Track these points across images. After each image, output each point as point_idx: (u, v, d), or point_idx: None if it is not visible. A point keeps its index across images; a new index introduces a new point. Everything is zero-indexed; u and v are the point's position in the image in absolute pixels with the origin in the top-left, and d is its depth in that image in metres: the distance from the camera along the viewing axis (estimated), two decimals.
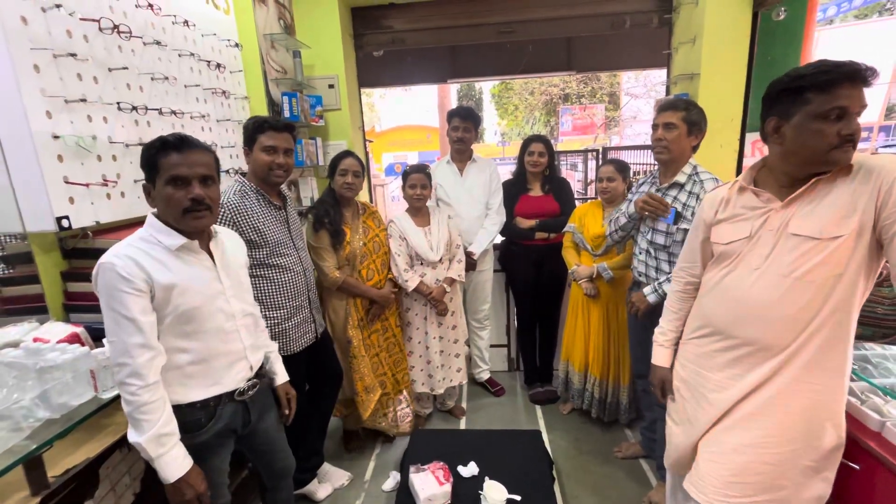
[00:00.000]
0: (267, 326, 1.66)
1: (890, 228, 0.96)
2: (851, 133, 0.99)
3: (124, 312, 1.04)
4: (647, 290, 1.80)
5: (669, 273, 1.76)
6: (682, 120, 1.67)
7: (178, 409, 1.14)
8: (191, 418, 1.16)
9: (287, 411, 1.46)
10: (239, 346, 1.25)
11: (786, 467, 1.07)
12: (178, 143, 1.10)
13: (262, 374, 1.38)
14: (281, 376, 1.46)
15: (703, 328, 1.23)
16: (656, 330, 1.45)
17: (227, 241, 1.30)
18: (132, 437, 1.05)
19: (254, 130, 1.62)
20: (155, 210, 1.16)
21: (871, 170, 0.98)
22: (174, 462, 1.07)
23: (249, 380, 1.29)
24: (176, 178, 1.10)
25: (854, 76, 0.98)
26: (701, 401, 1.21)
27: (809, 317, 1.04)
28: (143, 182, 1.15)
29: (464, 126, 2.52)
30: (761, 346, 1.09)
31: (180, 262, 1.14)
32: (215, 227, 1.26)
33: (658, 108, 1.78)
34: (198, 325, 1.15)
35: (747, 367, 1.12)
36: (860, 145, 1.03)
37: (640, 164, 6.56)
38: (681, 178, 1.72)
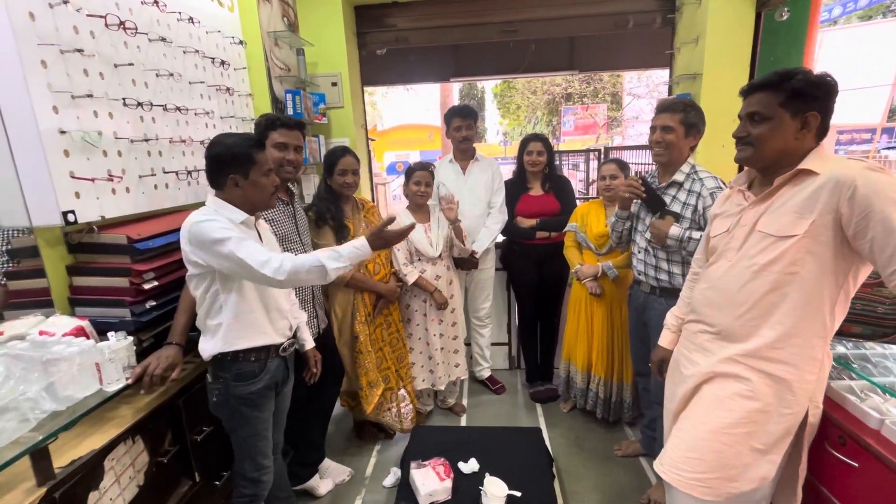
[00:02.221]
0: None
1: (863, 236, 0.98)
2: (736, 135, 1.17)
3: (231, 234, 1.25)
4: (675, 229, 1.67)
5: (669, 271, 1.77)
6: (680, 122, 1.70)
7: (237, 360, 1.37)
8: (247, 369, 1.39)
9: (314, 370, 1.71)
10: (283, 307, 1.48)
11: (739, 448, 1.14)
12: (259, 144, 1.41)
13: (296, 337, 1.59)
14: (309, 342, 1.71)
15: (692, 313, 1.32)
16: (668, 313, 1.52)
17: (264, 226, 1.53)
18: (330, 274, 1.29)
19: (266, 127, 1.65)
20: (214, 193, 1.37)
21: (832, 176, 1.02)
22: (355, 249, 1.33)
23: (289, 339, 1.50)
24: (269, 170, 1.40)
25: (745, 89, 1.16)
26: (675, 375, 1.33)
27: (768, 309, 1.11)
28: (231, 176, 1.34)
29: (465, 124, 2.53)
30: (727, 332, 1.18)
31: (242, 233, 1.33)
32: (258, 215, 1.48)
33: (656, 110, 1.79)
34: (250, 283, 1.37)
35: (715, 350, 1.21)
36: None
37: (641, 164, 6.57)
38: (679, 176, 1.74)
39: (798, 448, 1.20)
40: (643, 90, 14.00)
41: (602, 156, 7.23)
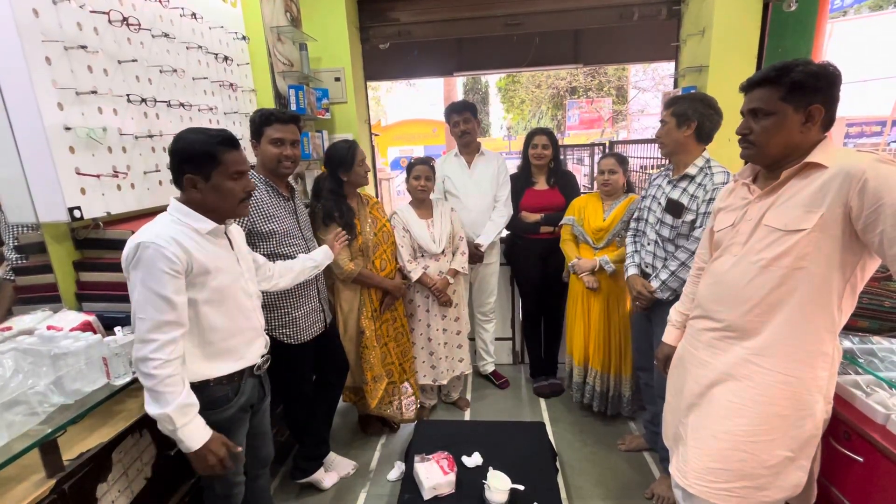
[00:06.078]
0: (277, 315, 1.69)
1: (873, 229, 0.96)
2: (739, 132, 1.15)
3: (161, 291, 1.08)
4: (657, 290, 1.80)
5: (676, 263, 1.76)
6: (671, 114, 1.73)
7: (207, 386, 1.22)
8: (220, 394, 1.25)
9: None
10: (256, 324, 1.35)
11: (763, 456, 1.11)
12: (230, 143, 1.21)
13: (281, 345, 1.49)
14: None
15: (696, 309, 1.30)
16: (671, 309, 1.51)
17: (235, 230, 1.38)
18: (155, 409, 1.08)
19: (260, 123, 1.64)
20: (178, 196, 1.21)
21: (841, 168, 1.00)
22: (197, 430, 1.13)
23: (263, 356, 1.38)
24: (241, 173, 1.22)
25: (745, 85, 1.14)
26: (685, 374, 1.29)
27: (775, 304, 1.09)
28: (188, 176, 1.17)
29: (462, 118, 2.52)
30: (734, 328, 1.16)
31: (211, 244, 1.21)
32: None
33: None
34: (229, 303, 1.25)
35: (723, 347, 1.18)
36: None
37: (647, 157, 6.51)
38: (692, 170, 1.73)
39: None
40: (648, 83, 13.88)
41: (607, 150, 7.18)
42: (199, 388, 1.20)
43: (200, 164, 1.16)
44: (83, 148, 1.40)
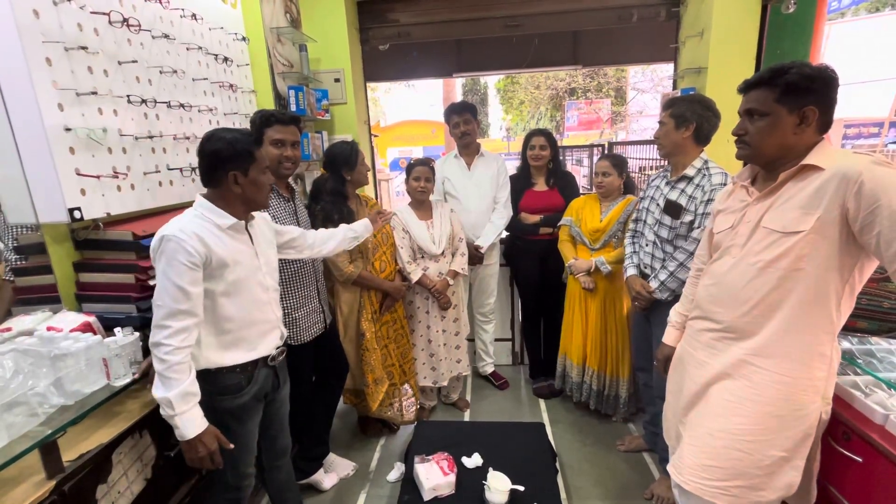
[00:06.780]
0: None
1: (870, 231, 0.97)
2: (734, 132, 1.17)
3: (177, 281, 1.15)
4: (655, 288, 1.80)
5: (674, 264, 1.77)
6: (670, 116, 1.74)
7: (221, 373, 1.29)
8: (233, 381, 1.31)
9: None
10: (272, 317, 1.41)
11: (758, 456, 1.12)
12: (258, 141, 1.41)
13: (285, 344, 1.52)
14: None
15: (696, 309, 1.31)
16: (671, 310, 1.51)
17: (260, 224, 1.43)
18: (159, 392, 1.15)
19: (261, 125, 1.64)
20: (205, 192, 1.30)
21: (838, 170, 1.01)
22: (194, 420, 1.18)
23: (278, 347, 1.43)
24: (266, 167, 1.35)
25: (742, 87, 1.15)
26: (684, 374, 1.30)
27: (773, 305, 1.10)
28: (232, 172, 1.25)
29: (463, 119, 2.52)
30: (733, 329, 1.17)
31: (231, 238, 1.28)
32: (253, 213, 1.39)
33: None
34: (244, 295, 1.31)
35: (722, 348, 1.19)
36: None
37: (645, 159, 6.53)
38: (690, 171, 1.74)
39: (812, 445, 1.18)
40: (647, 85, 13.90)
41: (606, 151, 7.19)
42: (213, 374, 1.27)
43: (242, 161, 1.26)
44: (83, 148, 1.40)
